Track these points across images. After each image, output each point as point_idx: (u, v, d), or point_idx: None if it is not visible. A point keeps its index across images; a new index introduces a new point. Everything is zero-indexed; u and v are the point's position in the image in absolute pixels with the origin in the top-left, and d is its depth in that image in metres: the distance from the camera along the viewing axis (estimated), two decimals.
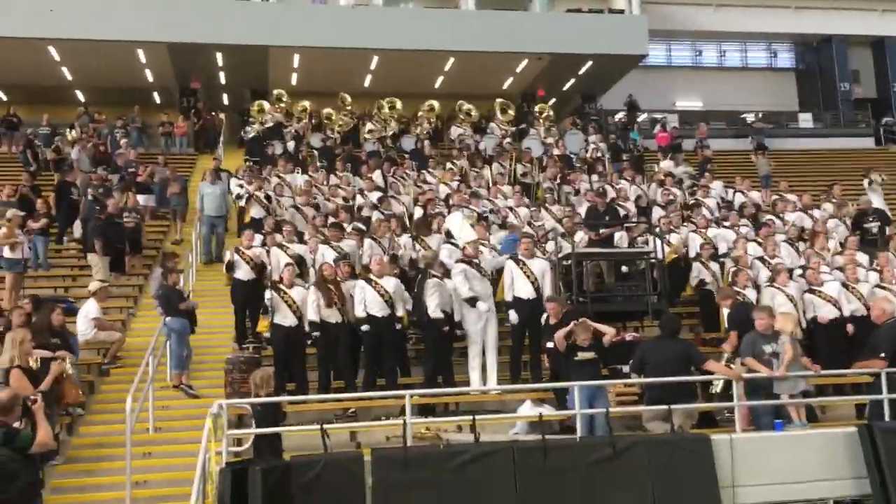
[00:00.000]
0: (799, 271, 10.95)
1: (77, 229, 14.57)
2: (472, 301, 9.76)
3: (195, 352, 10.60)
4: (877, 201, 15.16)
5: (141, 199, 15.72)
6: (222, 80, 25.76)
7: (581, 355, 8.30)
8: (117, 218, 13.53)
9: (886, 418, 7.94)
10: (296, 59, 24.09)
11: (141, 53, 23.14)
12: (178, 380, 10.04)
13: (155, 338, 9.90)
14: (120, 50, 22.42)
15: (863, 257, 11.76)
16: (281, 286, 9.84)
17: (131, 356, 10.86)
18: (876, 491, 7.42)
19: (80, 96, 25.99)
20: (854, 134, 28.70)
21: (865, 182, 16.22)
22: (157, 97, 26.62)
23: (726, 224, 13.55)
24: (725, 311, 10.01)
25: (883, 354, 8.13)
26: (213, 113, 23.96)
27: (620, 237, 12.69)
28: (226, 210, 15.03)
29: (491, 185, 15.99)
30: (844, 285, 10.63)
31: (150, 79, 25.27)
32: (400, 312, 9.87)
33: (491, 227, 12.78)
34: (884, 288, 10.66)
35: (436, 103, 22.28)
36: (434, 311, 9.66)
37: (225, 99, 26.98)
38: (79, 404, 9.05)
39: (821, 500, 7.68)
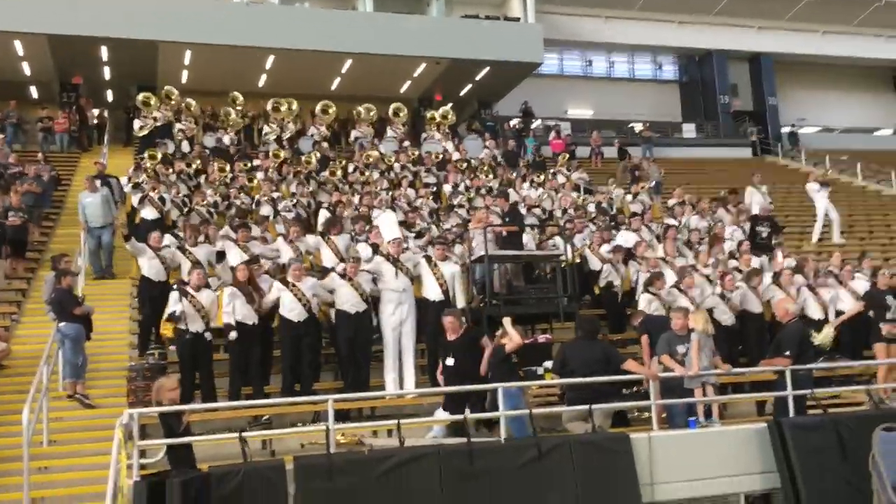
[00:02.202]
0: (708, 273, 11.26)
1: None
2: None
3: (89, 359, 9.98)
4: (758, 206, 15.95)
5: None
6: (107, 76, 24.54)
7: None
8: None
9: (791, 415, 8.27)
10: (187, 55, 23.24)
11: (18, 45, 21.76)
12: (73, 389, 9.41)
13: (49, 345, 9.24)
14: None
15: (756, 261, 12.27)
16: (188, 289, 9.37)
17: (17, 365, 10.16)
18: (785, 484, 7.71)
19: None
20: (734, 144, 30.17)
21: (751, 188, 17.07)
22: (34, 92, 25.09)
23: (625, 227, 13.89)
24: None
25: (788, 353, 8.47)
26: (99, 111, 22.79)
27: (527, 240, 12.80)
28: (112, 217, 13.44)
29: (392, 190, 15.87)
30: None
31: (28, 72, 23.80)
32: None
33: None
34: (780, 287, 11.17)
35: (332, 106, 21.98)
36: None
37: (109, 95, 25.75)
38: None
39: (733, 495, 7.90)
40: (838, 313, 11.38)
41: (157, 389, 7.44)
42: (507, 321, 8.52)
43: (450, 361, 8.53)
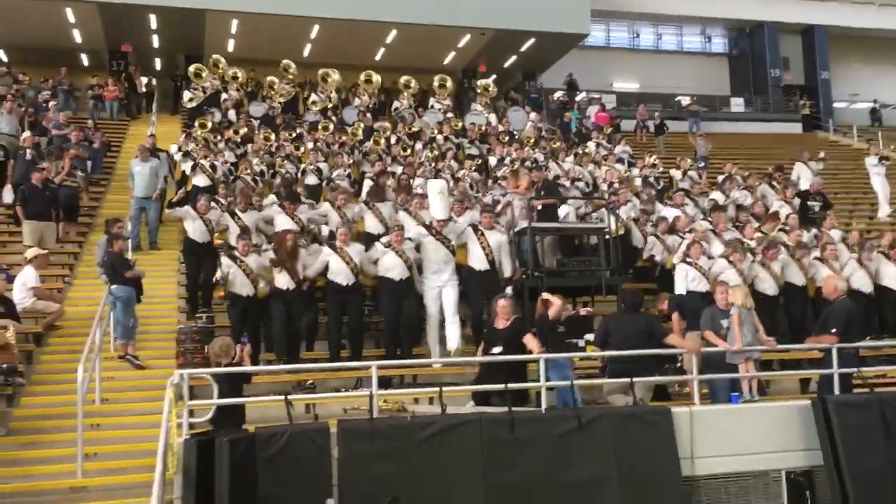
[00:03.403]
0: (752, 246, 11.14)
1: (7, 194, 13.86)
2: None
3: (139, 322, 10.23)
4: (807, 181, 15.72)
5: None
6: (155, 44, 24.87)
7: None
8: (51, 183, 12.89)
9: (835, 392, 8.20)
10: (233, 24, 23.44)
11: (69, 12, 22.14)
12: (124, 350, 9.66)
13: (101, 307, 9.48)
14: (47, 8, 21.38)
15: (807, 235, 12.11)
16: (236, 254, 9.55)
17: (70, 326, 10.43)
18: (828, 462, 7.65)
19: (3, 55, 24.74)
20: (783, 119, 29.57)
21: (799, 163, 16.83)
22: (84, 59, 25.57)
23: (669, 202, 13.75)
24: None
25: (834, 330, 8.37)
26: (147, 79, 23.09)
27: (565, 213, 12.69)
28: (156, 189, 13.39)
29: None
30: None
31: (78, 39, 24.24)
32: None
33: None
34: (824, 262, 11.03)
35: (375, 75, 21.94)
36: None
37: (157, 64, 26.09)
38: (14, 371, 8.60)
39: (775, 471, 7.85)
40: (883, 288, 11.21)
41: (213, 350, 7.65)
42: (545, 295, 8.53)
43: (497, 350, 8.13)
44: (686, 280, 10.20)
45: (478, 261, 10.16)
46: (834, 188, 19.62)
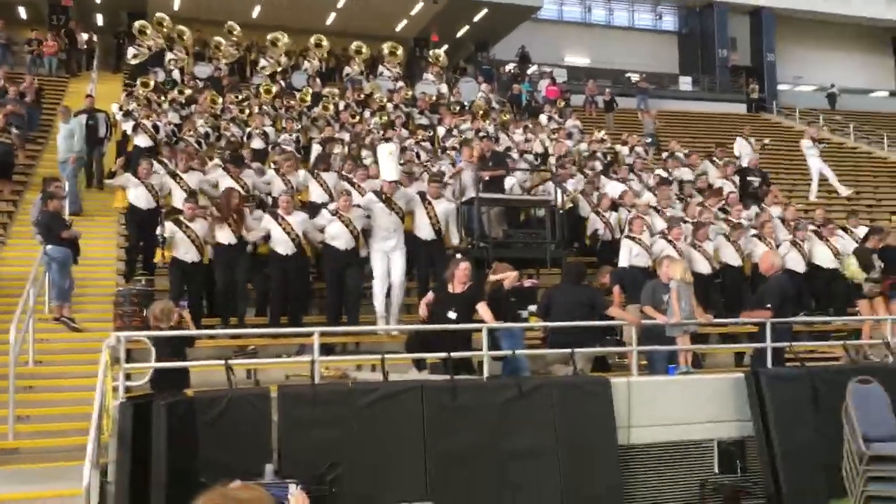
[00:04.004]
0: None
1: None
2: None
3: (76, 283, 9.99)
4: (747, 158, 16.05)
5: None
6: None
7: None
8: None
9: (768, 366, 8.42)
10: None
11: None
12: (59, 312, 9.45)
13: (35, 267, 9.23)
14: None
15: (746, 213, 12.36)
16: (182, 218, 9.37)
17: (3, 286, 10.15)
18: (759, 433, 7.85)
19: None
20: (729, 99, 30.04)
21: (741, 139, 17.20)
22: (23, 12, 24.61)
23: (615, 176, 13.88)
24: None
25: (769, 305, 8.58)
26: (88, 35, 22.35)
27: (510, 185, 12.72)
28: (74, 153, 12.85)
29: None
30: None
31: None
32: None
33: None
34: (762, 240, 11.28)
35: (325, 39, 21.60)
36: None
37: (99, 20, 25.28)
38: None
39: (708, 441, 8.06)
40: (815, 267, 11.53)
41: (154, 314, 7.50)
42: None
43: (452, 315, 7.92)
44: (630, 255, 10.36)
45: (424, 230, 10.16)
46: (776, 169, 20.06)
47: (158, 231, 9.29)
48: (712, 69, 31.36)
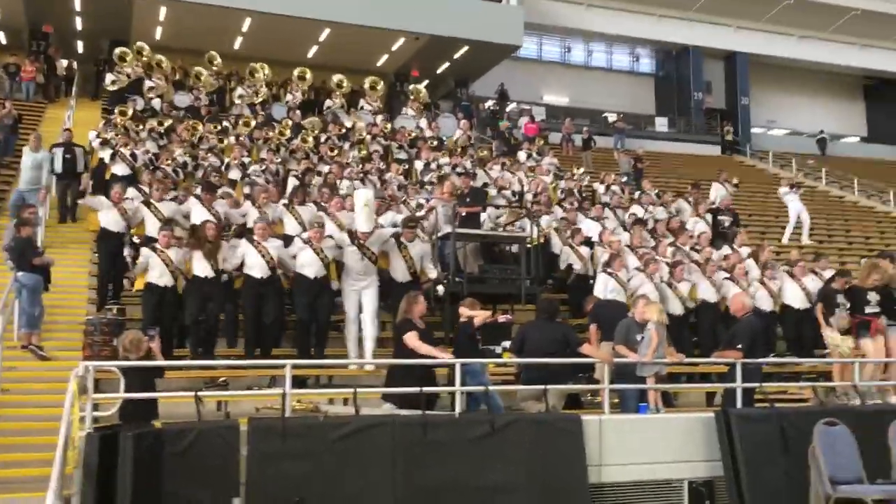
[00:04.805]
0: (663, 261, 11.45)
1: None
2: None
3: (46, 311, 9.88)
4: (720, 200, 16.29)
5: None
6: (79, 27, 24.08)
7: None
8: None
9: (738, 406, 8.48)
10: (162, 11, 22.90)
11: None
12: (28, 340, 9.31)
13: (6, 294, 9.13)
14: None
15: (717, 254, 12.50)
16: (157, 246, 9.34)
17: None
18: (728, 473, 7.90)
19: None
20: (704, 141, 30.53)
21: (717, 184, 17.45)
22: (2, 37, 24.56)
23: (591, 215, 14.00)
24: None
25: (740, 346, 8.66)
26: (68, 62, 22.34)
27: (485, 220, 12.77)
28: (42, 187, 12.84)
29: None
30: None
31: None
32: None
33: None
34: (733, 281, 11.39)
35: (308, 72, 21.73)
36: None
37: (80, 47, 25.26)
38: None
39: (677, 481, 8.07)
40: (786, 307, 11.66)
41: (123, 344, 7.40)
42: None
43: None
44: (605, 290, 10.45)
45: (400, 272, 10.15)
46: (748, 210, 20.34)
47: (126, 252, 9.24)
48: (688, 111, 31.90)
